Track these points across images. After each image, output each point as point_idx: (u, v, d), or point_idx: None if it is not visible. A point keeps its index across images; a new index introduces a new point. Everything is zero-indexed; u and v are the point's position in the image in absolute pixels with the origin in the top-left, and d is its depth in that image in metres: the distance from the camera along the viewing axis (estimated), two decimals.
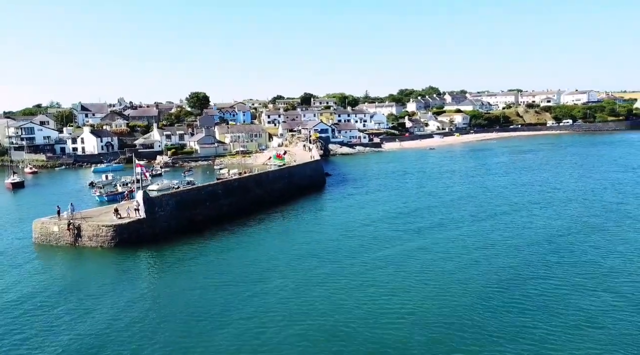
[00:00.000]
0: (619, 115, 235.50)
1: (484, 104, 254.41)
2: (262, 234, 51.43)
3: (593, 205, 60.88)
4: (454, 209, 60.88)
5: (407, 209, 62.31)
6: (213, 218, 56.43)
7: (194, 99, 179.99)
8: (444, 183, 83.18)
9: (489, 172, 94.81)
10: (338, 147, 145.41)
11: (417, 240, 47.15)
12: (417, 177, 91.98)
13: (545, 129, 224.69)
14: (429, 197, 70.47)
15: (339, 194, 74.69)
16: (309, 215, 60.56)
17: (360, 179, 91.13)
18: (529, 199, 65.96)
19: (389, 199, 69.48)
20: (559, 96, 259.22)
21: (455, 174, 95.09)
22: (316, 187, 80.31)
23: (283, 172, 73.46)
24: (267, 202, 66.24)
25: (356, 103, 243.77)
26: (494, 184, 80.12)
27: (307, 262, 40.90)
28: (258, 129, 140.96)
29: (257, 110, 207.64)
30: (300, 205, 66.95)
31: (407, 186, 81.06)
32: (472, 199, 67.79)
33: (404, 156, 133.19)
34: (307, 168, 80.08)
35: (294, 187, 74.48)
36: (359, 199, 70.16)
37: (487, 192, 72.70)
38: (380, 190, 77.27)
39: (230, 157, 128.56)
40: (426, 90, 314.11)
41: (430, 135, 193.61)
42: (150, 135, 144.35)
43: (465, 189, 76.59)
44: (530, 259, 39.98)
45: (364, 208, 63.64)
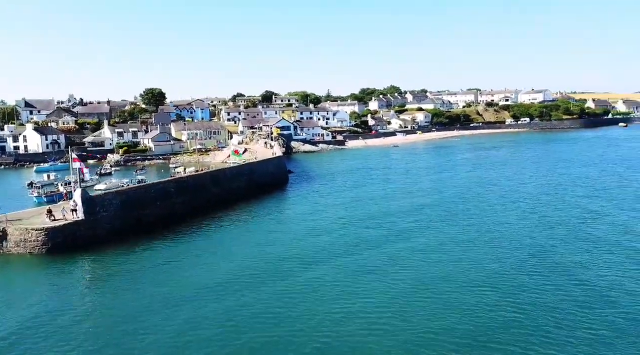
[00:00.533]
0: (572, 113, 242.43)
1: (445, 103, 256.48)
2: (219, 236, 46.57)
3: (564, 198, 59.30)
4: (425, 206, 57.85)
5: (375, 205, 58.80)
6: (164, 219, 51.05)
7: (149, 96, 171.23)
8: (413, 179, 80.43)
9: (456, 168, 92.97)
10: (300, 145, 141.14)
11: (390, 239, 43.56)
12: (384, 173, 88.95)
13: (505, 127, 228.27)
14: (398, 193, 67.32)
15: (303, 192, 70.49)
16: (271, 215, 56.05)
17: (325, 176, 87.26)
18: (500, 194, 63.84)
19: (356, 196, 65.86)
20: (517, 95, 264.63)
21: (423, 170, 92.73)
22: (279, 184, 75.78)
23: (243, 169, 68.56)
24: (225, 201, 61.23)
25: (318, 101, 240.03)
26: (463, 180, 78.00)
27: (268, 267, 36.47)
28: (217, 126, 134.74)
29: (216, 107, 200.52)
30: (261, 203, 62.32)
31: (374, 182, 77.76)
32: (442, 194, 65.09)
33: (369, 154, 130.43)
34: (269, 165, 75.47)
35: (255, 185, 69.70)
36: (324, 196, 66.20)
37: (456, 187, 70.28)
38: (347, 187, 73.60)
39: (187, 155, 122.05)
40: (388, 89, 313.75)
41: (393, 133, 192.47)
42: (101, 132, 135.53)
43: (435, 184, 73.98)
44: (511, 255, 37.09)
45: (329, 205, 59.70)
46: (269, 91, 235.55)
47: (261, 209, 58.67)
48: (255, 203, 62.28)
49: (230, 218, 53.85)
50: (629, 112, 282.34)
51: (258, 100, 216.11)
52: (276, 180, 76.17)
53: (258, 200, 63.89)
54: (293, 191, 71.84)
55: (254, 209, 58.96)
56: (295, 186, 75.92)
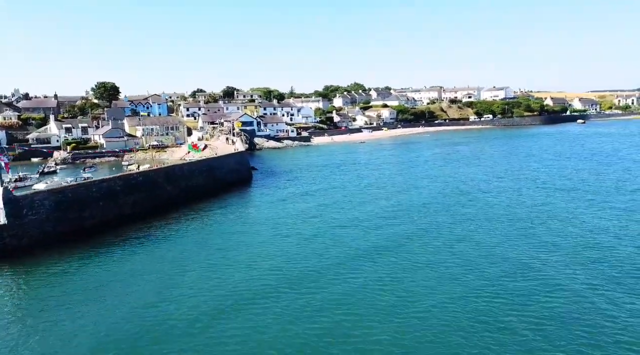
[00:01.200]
0: (533, 111, 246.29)
1: (409, 100, 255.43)
2: (173, 241, 40.47)
3: (545, 191, 56.27)
4: (399, 202, 53.44)
5: (348, 203, 53.93)
6: (109, 221, 44.47)
7: (101, 90, 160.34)
8: (385, 175, 76.10)
9: (429, 164, 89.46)
10: (264, 141, 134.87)
11: (361, 238, 38.74)
12: (354, 169, 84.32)
13: (469, 123, 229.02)
14: (372, 189, 62.70)
15: (268, 189, 64.83)
16: (234, 215, 50.21)
17: (291, 172, 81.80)
18: (479, 188, 60.30)
19: (326, 193, 60.79)
20: (479, 92, 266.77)
21: (394, 165, 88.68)
22: (242, 182, 69.79)
23: (201, 165, 62.20)
24: (182, 200, 54.95)
25: (282, 98, 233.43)
26: (438, 174, 74.29)
27: (230, 274, 30.89)
28: (175, 122, 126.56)
29: (174, 103, 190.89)
30: (223, 203, 56.29)
31: (345, 179, 72.93)
32: (419, 190, 60.95)
33: (335, 150, 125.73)
34: (231, 160, 69.31)
35: (215, 183, 63.53)
36: (292, 194, 60.79)
37: (433, 182, 66.39)
38: (316, 184, 68.40)
39: (143, 152, 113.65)
40: (351, 86, 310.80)
41: (359, 130, 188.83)
42: (47, 128, 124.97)
43: (409, 180, 69.84)
44: (502, 254, 32.94)
45: (297, 204, 54.38)
46: (230, 87, 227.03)
47: (222, 209, 52.71)
48: (215, 202, 56.21)
49: (187, 220, 47.71)
50: (585, 109, 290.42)
51: (219, 96, 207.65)
52: (239, 177, 70.17)
53: (219, 199, 57.84)
54: (257, 189, 66.10)
55: (214, 209, 52.93)
56: (259, 183, 70.17)
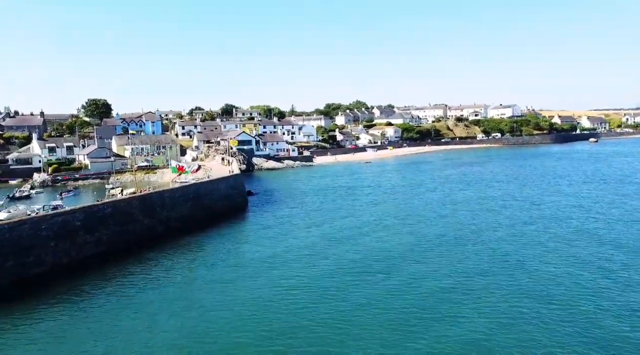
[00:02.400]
0: (542, 129, 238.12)
1: (414, 118, 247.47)
2: (144, 293, 30.88)
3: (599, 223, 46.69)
4: (425, 235, 43.88)
5: (366, 237, 44.36)
6: (64, 268, 34.95)
7: (92, 107, 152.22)
8: (403, 201, 66.59)
9: (447, 187, 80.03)
10: (263, 161, 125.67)
11: (382, 282, 29.15)
12: (364, 193, 74.88)
13: (476, 142, 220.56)
14: (391, 219, 53.08)
15: (265, 219, 55.30)
16: (223, 254, 40.65)
17: (293, 197, 72.38)
18: (518, 217, 50.75)
19: (336, 224, 51.20)
20: (486, 110, 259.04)
21: (409, 188, 79.19)
22: (235, 210, 60.39)
23: (186, 192, 52.70)
24: (161, 236, 45.45)
25: (283, 116, 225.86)
26: (462, 200, 64.78)
27: (211, 340, 21.26)
28: (167, 140, 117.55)
29: (170, 121, 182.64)
30: (210, 238, 46.74)
31: (356, 205, 63.38)
32: (446, 220, 51.40)
33: (340, 171, 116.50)
34: (222, 185, 59.85)
35: (203, 212, 54.08)
36: (294, 226, 51.24)
37: (459, 210, 56.86)
38: (322, 212, 58.86)
39: (130, 174, 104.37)
40: (353, 104, 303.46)
41: (364, 149, 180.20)
42: (29, 148, 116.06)
43: (432, 207, 60.23)
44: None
45: (302, 240, 44.82)
46: (229, 105, 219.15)
47: (209, 247, 43.13)
48: (202, 237, 46.65)
49: (165, 262, 38.11)
50: (594, 128, 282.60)
51: (217, 114, 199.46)
52: (232, 204, 60.73)
53: (206, 234, 48.29)
54: (254, 218, 56.58)
55: (199, 246, 43.36)
56: (256, 211, 60.67)
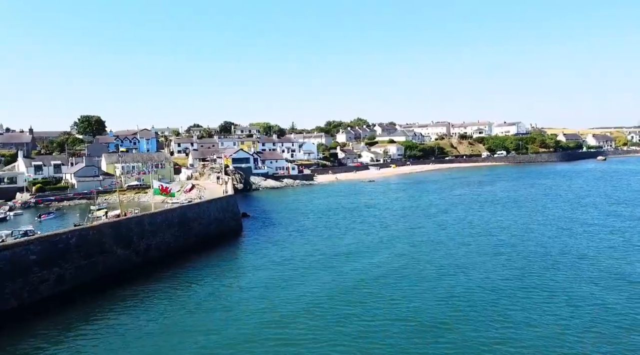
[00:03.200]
0: (548, 147, 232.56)
1: (416, 135, 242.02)
2: (109, 342, 24.12)
3: None
4: (443, 262, 37.20)
5: (378, 269, 37.68)
6: (10, 315, 28.28)
7: (85, 124, 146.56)
8: (416, 225, 59.93)
9: (461, 208, 73.50)
10: (262, 180, 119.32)
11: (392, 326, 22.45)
12: (369, 215, 68.30)
13: (481, 160, 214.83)
14: (407, 247, 46.40)
15: (260, 247, 48.66)
16: (209, 292, 33.97)
17: (293, 220, 65.81)
18: (549, 243, 44.09)
19: (337, 254, 44.56)
20: (490, 127, 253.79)
21: (421, 210, 72.60)
22: (228, 234, 53.78)
23: (170, 216, 46.06)
24: (139, 270, 38.82)
25: (283, 134, 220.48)
26: (483, 224, 58.17)
27: None
28: (160, 158, 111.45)
29: (166, 138, 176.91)
30: (197, 269, 40.08)
31: (364, 230, 56.74)
32: (464, 246, 44.75)
33: (343, 190, 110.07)
34: (213, 208, 53.27)
35: (191, 238, 47.47)
36: (292, 254, 44.56)
37: (482, 236, 50.20)
38: (326, 238, 52.21)
39: (120, 194, 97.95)
40: (354, 121, 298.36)
41: (366, 167, 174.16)
42: (14, 166, 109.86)
43: (452, 233, 53.56)
44: None
45: (299, 272, 38.13)
46: (227, 122, 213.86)
47: (194, 283, 36.43)
48: (187, 270, 39.96)
49: (138, 304, 31.41)
50: (600, 146, 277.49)
51: (215, 131, 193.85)
52: (224, 229, 54.10)
53: (192, 265, 41.60)
54: (248, 246, 49.95)
55: (182, 282, 36.66)
56: (251, 237, 54.02)
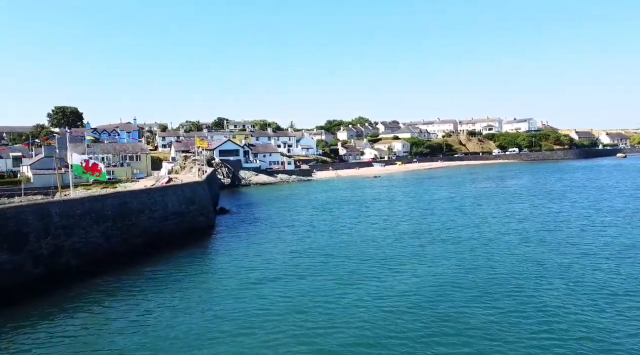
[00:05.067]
0: (563, 144, 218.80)
1: (422, 132, 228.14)
2: None
3: None
4: (470, 268, 23.53)
5: (394, 281, 24.01)
6: None
7: (59, 115, 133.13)
8: (440, 218, 46.09)
9: (490, 200, 59.63)
10: (253, 175, 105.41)
11: None
12: (375, 212, 54.52)
13: (492, 158, 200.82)
14: (414, 249, 32.65)
15: (233, 250, 34.86)
16: (141, 323, 20.23)
17: (279, 218, 52.04)
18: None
19: (334, 265, 30.85)
20: (500, 124, 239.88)
21: (439, 203, 58.71)
22: (193, 233, 39.96)
23: (98, 206, 32.19)
24: (37, 285, 25.09)
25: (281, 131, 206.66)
26: (526, 214, 44.30)
27: None
28: (136, 149, 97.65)
29: (152, 133, 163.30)
30: (140, 284, 26.28)
31: (369, 226, 42.95)
32: (524, 243, 30.98)
33: (344, 185, 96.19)
34: (170, 198, 39.29)
35: (134, 238, 33.69)
36: (273, 266, 30.86)
37: (539, 230, 36.37)
38: (315, 242, 38.43)
39: (85, 189, 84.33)
40: (356, 120, 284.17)
41: (369, 164, 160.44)
42: None
43: (487, 223, 39.71)
44: None
45: (280, 292, 24.46)
46: (221, 118, 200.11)
47: (136, 303, 22.66)
48: (124, 283, 26.20)
49: (44, 331, 17.64)
50: (615, 144, 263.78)
51: (207, 126, 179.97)
52: (187, 225, 40.24)
53: (129, 276, 27.83)
54: (219, 246, 36.20)
55: (119, 301, 22.91)
56: (224, 237, 40.24)
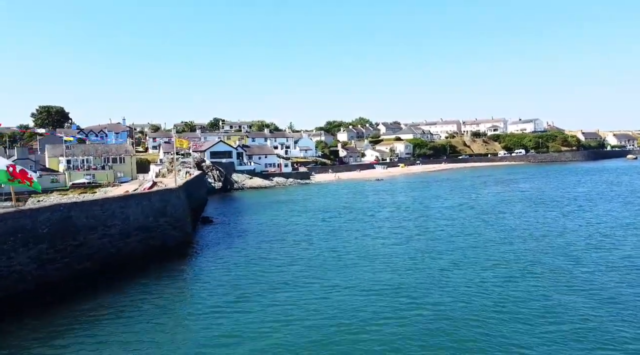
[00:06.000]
0: (570, 145, 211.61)
1: (425, 133, 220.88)
2: None
3: None
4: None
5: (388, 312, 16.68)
6: None
7: (43, 115, 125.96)
8: (451, 230, 38.80)
9: (515, 208, 52.31)
10: (247, 178, 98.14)
11: None
12: (382, 220, 47.20)
13: (498, 159, 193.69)
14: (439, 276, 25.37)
15: (215, 273, 27.56)
16: None
17: (274, 229, 44.69)
18: None
19: (333, 281, 23.49)
20: (506, 125, 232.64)
21: (453, 211, 51.38)
22: (162, 253, 32.67)
23: (28, 223, 24.82)
24: None
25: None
26: (570, 227, 37.06)
27: None
28: (120, 151, 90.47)
29: (143, 134, 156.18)
30: (81, 323, 18.92)
31: (372, 246, 35.62)
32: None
33: (345, 189, 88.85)
34: (132, 209, 31.85)
35: (80, 263, 26.37)
36: (262, 288, 23.54)
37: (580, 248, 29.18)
38: (310, 255, 31.15)
39: (61, 194, 77.02)
40: (356, 120, 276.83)
41: (371, 166, 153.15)
42: None
43: (523, 234, 32.47)
44: None
45: (267, 324, 17.07)
46: (217, 118, 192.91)
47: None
48: (58, 327, 18.83)
49: None
50: (623, 145, 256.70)
51: (202, 127, 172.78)
52: (154, 243, 32.92)
53: (79, 309, 20.45)
54: (192, 271, 28.85)
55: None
56: (206, 255, 32.93)
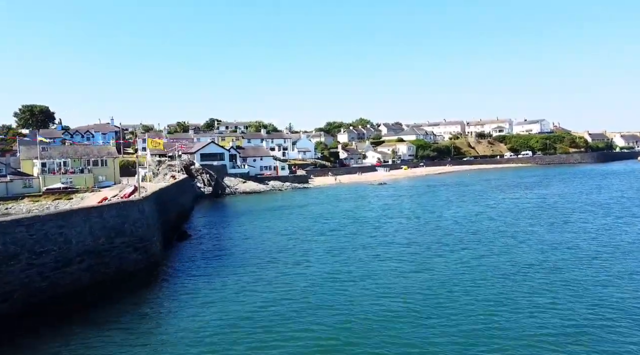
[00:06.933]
0: (578, 146, 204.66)
1: (428, 134, 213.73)
2: None
3: None
4: None
5: None
6: None
7: (27, 114, 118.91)
8: (477, 248, 31.65)
9: (542, 219, 45.18)
10: (240, 182, 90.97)
11: None
12: (392, 231, 40.09)
13: (505, 161, 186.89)
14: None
15: (179, 310, 20.48)
16: None
17: (262, 242, 37.53)
18: None
19: (335, 332, 16.36)
20: (511, 126, 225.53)
21: (472, 223, 44.22)
22: (120, 281, 25.64)
23: None
24: None
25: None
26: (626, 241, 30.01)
27: None
28: (102, 153, 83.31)
29: (134, 135, 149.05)
30: None
31: (379, 270, 28.45)
32: None
33: (344, 194, 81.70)
34: (79, 225, 24.62)
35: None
36: (242, 331, 16.45)
37: None
38: (305, 282, 24.02)
39: (33, 201, 69.97)
40: (357, 121, 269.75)
41: (373, 168, 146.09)
42: None
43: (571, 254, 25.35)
44: None
45: None
46: (213, 119, 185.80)
47: None
48: None
49: None
50: (632, 146, 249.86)
51: (195, 127, 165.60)
52: (111, 268, 25.86)
53: None
54: (155, 307, 21.71)
55: None
56: (170, 285, 25.83)
